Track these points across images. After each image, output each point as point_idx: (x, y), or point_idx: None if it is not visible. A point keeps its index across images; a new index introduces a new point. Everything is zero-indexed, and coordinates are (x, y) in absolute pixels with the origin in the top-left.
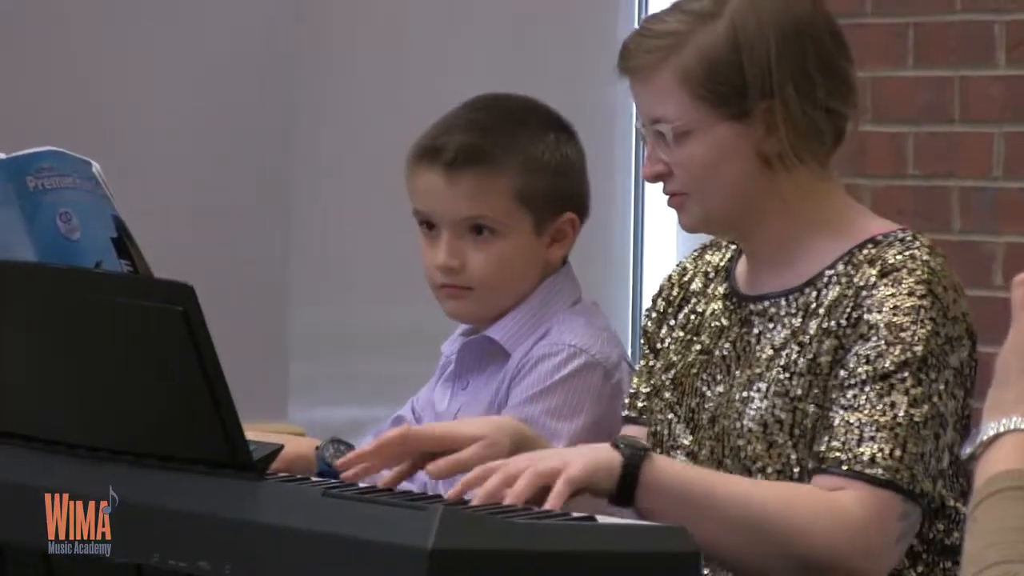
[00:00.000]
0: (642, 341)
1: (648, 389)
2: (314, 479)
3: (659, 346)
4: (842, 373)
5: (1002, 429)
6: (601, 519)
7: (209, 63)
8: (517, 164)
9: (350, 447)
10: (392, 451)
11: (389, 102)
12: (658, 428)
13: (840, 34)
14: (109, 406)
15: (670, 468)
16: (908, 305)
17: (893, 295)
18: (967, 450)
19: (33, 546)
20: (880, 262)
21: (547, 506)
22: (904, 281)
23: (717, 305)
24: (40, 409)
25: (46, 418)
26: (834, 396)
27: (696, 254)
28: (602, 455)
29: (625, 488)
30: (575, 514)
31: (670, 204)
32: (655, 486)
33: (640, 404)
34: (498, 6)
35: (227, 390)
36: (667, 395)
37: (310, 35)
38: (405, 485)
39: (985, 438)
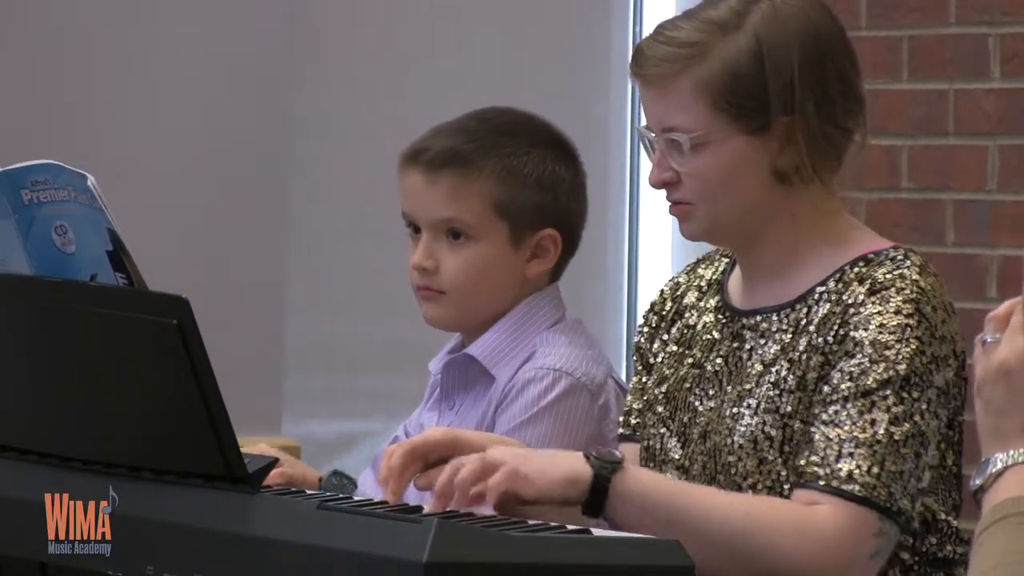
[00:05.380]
0: (634, 358)
1: (640, 406)
2: (309, 492)
3: (652, 361)
4: (825, 389)
5: (1010, 462)
6: (596, 532)
7: (204, 78)
8: (496, 171)
9: (352, 481)
10: (438, 453)
11: (385, 116)
12: (650, 442)
13: (852, 47)
14: (104, 419)
15: (642, 479)
16: (894, 323)
17: (880, 313)
18: (976, 482)
19: (29, 559)
20: (870, 280)
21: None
22: (892, 300)
23: (709, 318)
24: (35, 422)
25: (41, 431)
26: (816, 411)
27: (689, 268)
28: (567, 467)
29: (595, 498)
30: (570, 527)
31: (672, 212)
32: (625, 497)
33: (633, 421)
34: (492, 18)
35: (222, 403)
36: (660, 409)
37: (304, 51)
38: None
39: (994, 470)
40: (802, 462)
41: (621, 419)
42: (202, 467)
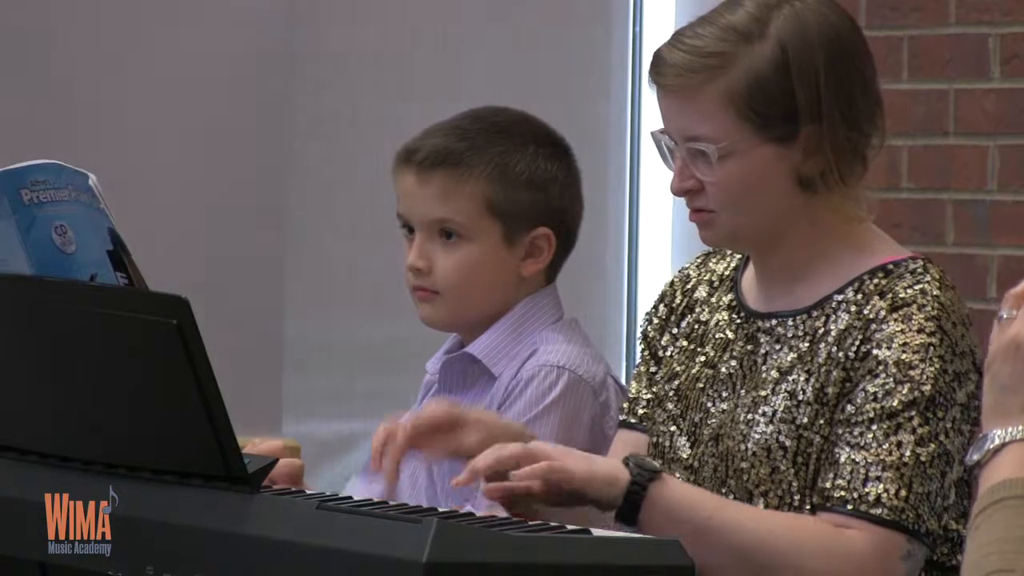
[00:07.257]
0: (642, 347)
1: (650, 396)
2: (309, 492)
3: (661, 353)
4: (849, 408)
5: (1008, 438)
6: (596, 532)
7: (204, 78)
8: (487, 171)
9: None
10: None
11: (384, 116)
12: (659, 439)
13: (869, 49)
14: (104, 419)
15: (677, 490)
16: (917, 342)
17: (903, 331)
18: (974, 457)
19: (29, 559)
20: (891, 295)
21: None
22: (914, 317)
23: (722, 316)
24: (35, 422)
25: (41, 431)
26: (840, 432)
27: (699, 261)
28: (607, 467)
29: (631, 505)
30: (570, 527)
31: (693, 219)
32: (659, 506)
33: (641, 411)
34: (492, 18)
35: (222, 403)
36: (670, 406)
37: (305, 51)
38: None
39: (992, 446)
40: (828, 485)
41: (626, 406)
42: (202, 467)
